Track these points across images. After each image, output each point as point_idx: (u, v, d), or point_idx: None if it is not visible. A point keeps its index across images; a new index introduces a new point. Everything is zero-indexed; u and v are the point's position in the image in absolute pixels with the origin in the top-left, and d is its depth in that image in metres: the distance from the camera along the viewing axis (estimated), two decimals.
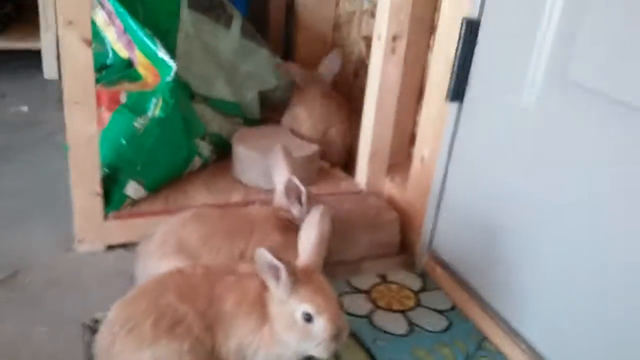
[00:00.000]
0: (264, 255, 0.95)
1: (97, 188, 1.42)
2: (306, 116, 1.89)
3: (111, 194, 1.49)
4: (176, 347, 0.95)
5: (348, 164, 1.96)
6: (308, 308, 0.96)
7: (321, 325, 0.96)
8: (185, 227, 1.26)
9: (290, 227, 1.29)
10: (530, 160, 1.18)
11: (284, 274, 0.95)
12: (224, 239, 1.25)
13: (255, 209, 1.38)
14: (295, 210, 1.30)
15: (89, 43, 1.28)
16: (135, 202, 1.53)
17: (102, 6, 1.81)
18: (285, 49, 2.67)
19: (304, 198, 1.28)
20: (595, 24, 1.03)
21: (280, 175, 1.33)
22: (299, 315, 0.97)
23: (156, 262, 1.22)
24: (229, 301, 1.00)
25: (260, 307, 1.00)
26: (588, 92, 1.05)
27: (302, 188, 1.27)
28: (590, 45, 1.04)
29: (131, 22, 1.69)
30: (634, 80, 0.96)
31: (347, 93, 2.37)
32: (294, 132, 1.87)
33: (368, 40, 2.14)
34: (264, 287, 1.00)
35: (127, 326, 0.95)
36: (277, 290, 0.97)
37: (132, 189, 1.52)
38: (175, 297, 0.98)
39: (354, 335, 1.26)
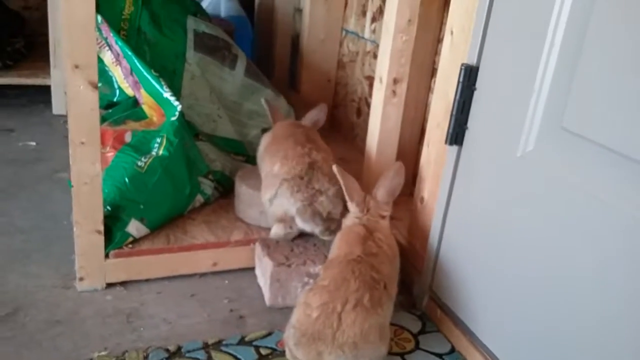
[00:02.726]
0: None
1: (99, 227, 1.43)
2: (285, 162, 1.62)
3: (113, 232, 1.50)
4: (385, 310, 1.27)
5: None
6: None
7: None
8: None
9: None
10: (527, 207, 1.19)
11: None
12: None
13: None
14: None
15: (94, 86, 1.31)
16: (136, 240, 1.54)
17: (110, 47, 1.86)
18: (290, 87, 2.71)
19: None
20: (589, 74, 1.05)
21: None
22: None
23: None
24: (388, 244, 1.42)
25: None
26: (580, 140, 1.06)
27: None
28: (583, 94, 1.06)
29: (138, 64, 1.73)
30: (623, 129, 0.97)
31: (350, 131, 2.40)
32: None
33: (370, 80, 2.18)
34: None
35: (350, 304, 1.20)
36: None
37: (135, 228, 1.53)
38: (375, 273, 1.28)
39: None
